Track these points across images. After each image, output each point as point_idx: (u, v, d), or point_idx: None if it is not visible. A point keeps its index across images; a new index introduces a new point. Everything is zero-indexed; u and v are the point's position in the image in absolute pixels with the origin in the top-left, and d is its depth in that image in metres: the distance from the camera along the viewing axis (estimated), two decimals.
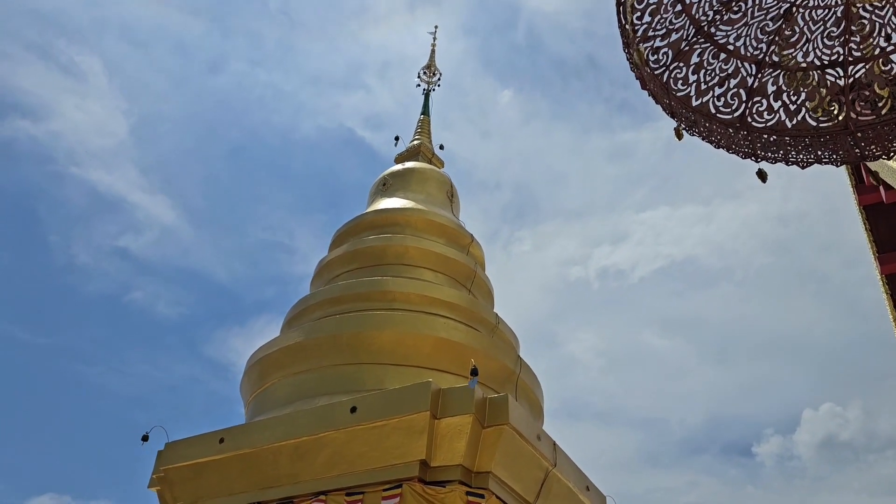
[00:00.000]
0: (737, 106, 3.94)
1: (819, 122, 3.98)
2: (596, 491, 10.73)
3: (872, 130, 3.89)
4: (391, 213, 12.78)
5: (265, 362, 10.75)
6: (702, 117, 3.82)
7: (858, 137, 3.89)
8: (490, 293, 12.73)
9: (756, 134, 3.92)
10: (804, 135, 3.94)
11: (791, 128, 3.99)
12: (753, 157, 3.82)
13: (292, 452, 8.96)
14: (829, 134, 3.95)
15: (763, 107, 3.96)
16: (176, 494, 9.76)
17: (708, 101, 3.89)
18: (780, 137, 3.95)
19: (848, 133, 3.90)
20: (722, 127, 3.87)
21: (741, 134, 3.88)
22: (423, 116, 16.44)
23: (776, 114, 3.98)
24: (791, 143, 3.94)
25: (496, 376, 10.30)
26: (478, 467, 8.60)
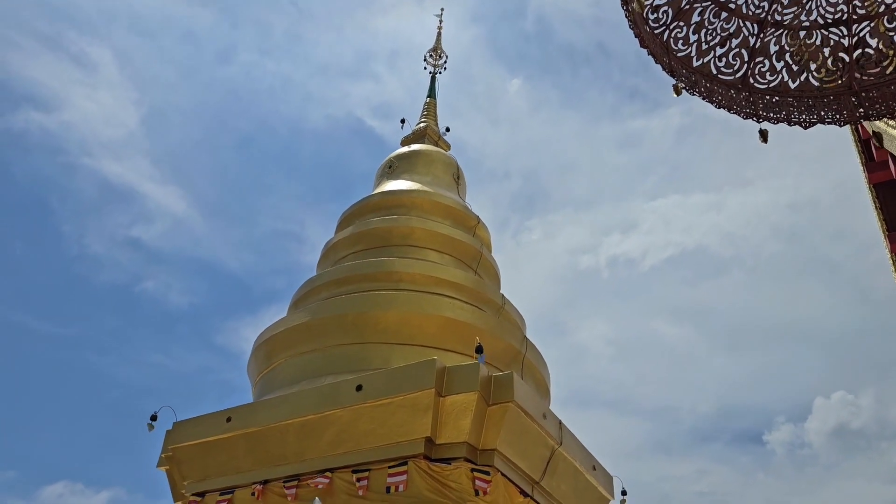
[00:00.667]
0: (738, 66, 3.88)
1: (822, 83, 3.92)
2: (602, 471, 10.72)
3: (876, 90, 3.83)
4: (397, 194, 12.76)
5: (272, 343, 10.78)
6: (702, 78, 3.77)
7: (862, 97, 3.83)
8: (496, 275, 12.71)
9: (758, 95, 3.87)
10: (807, 95, 3.88)
11: (794, 89, 3.94)
12: (755, 117, 3.76)
13: (299, 431, 9.00)
14: (832, 94, 3.89)
15: (765, 67, 3.90)
16: (184, 473, 9.84)
17: (709, 62, 3.83)
18: (782, 98, 3.90)
19: (851, 93, 3.85)
20: (723, 88, 3.82)
21: (743, 95, 3.83)
22: (430, 99, 16.38)
23: (779, 74, 3.92)
24: (794, 103, 3.89)
25: (502, 356, 10.28)
26: (483, 445, 8.61)
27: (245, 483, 9.28)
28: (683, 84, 3.74)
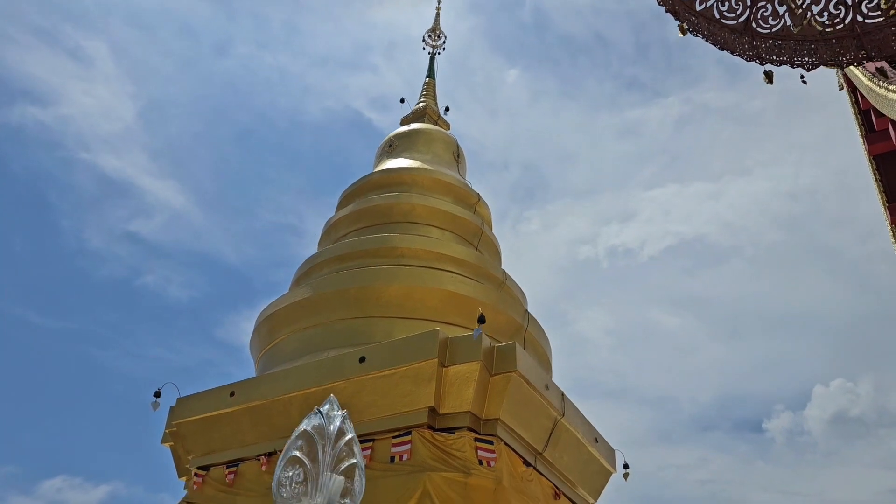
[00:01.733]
0: (741, 11, 3.89)
1: (824, 27, 3.92)
2: (605, 444, 10.78)
3: (878, 32, 3.84)
4: (398, 172, 12.76)
5: (274, 318, 10.81)
6: (705, 21, 3.78)
7: (864, 40, 3.84)
8: (497, 251, 12.73)
9: (760, 39, 3.87)
10: (809, 39, 3.89)
11: (796, 33, 3.94)
12: (758, 59, 3.77)
13: (302, 403, 9.02)
14: (834, 38, 3.90)
15: (768, 12, 3.91)
16: (188, 447, 9.88)
17: (712, 6, 3.84)
18: (784, 42, 3.90)
19: (854, 36, 3.86)
20: (725, 31, 3.83)
21: (745, 39, 3.84)
22: (429, 79, 16.35)
23: (781, 19, 3.93)
24: (796, 47, 3.89)
25: (504, 329, 10.31)
26: (486, 414, 8.66)
27: (250, 455, 9.34)
28: (687, 26, 3.75)
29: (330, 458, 3.38)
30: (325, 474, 3.30)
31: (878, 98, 8.60)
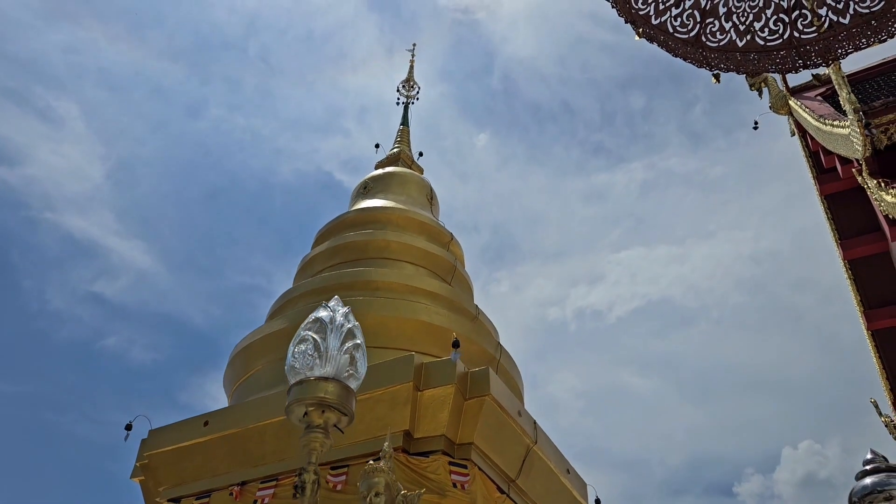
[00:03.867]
0: (692, 26, 4.33)
1: (766, 42, 4.39)
2: (576, 475, 10.90)
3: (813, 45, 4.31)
4: (373, 211, 13.09)
5: (249, 350, 10.88)
6: (660, 32, 4.22)
7: (802, 52, 4.30)
8: (470, 288, 13.02)
9: (710, 51, 4.32)
10: (752, 51, 4.34)
11: (741, 47, 4.40)
12: (707, 66, 4.21)
13: (278, 430, 9.07)
14: (775, 50, 4.36)
15: (716, 27, 4.36)
16: (159, 479, 9.79)
17: (666, 21, 4.28)
18: (731, 55, 4.35)
19: (791, 48, 4.31)
20: (678, 43, 4.27)
21: (696, 49, 4.28)
22: (403, 127, 16.90)
23: (727, 34, 4.38)
24: (741, 58, 4.34)
25: (477, 360, 10.50)
26: (460, 439, 8.78)
27: (222, 486, 9.27)
28: (643, 34, 4.19)
29: (336, 337, 3.63)
30: (333, 349, 3.54)
31: (824, 136, 9.23)
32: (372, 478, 4.44)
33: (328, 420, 3.70)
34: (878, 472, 1.79)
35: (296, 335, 3.88)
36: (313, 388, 3.72)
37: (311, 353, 3.61)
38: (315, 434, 3.69)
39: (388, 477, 4.38)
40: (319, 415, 3.68)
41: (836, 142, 8.30)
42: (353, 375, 3.69)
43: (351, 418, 3.86)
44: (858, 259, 11.08)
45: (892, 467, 1.78)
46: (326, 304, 4.03)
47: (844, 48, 4.30)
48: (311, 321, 3.81)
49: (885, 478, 1.76)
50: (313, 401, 3.65)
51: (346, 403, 3.73)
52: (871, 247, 10.81)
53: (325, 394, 3.66)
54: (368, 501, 4.28)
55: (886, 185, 6.63)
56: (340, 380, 3.63)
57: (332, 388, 3.67)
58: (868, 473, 1.81)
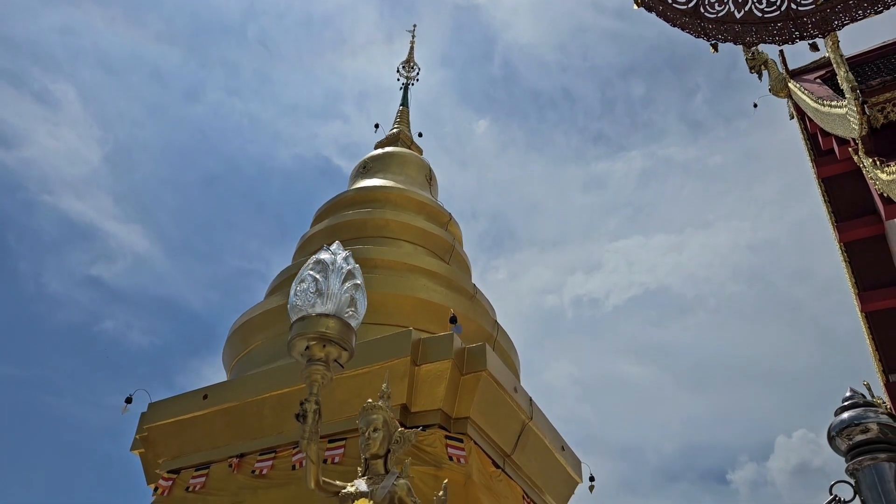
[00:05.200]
0: None
1: (763, 13, 4.43)
2: (571, 453, 11.03)
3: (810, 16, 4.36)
4: (371, 190, 13.13)
5: (248, 326, 10.96)
6: (659, 3, 4.26)
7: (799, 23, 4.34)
8: (468, 268, 13.09)
9: (708, 22, 4.37)
10: (750, 23, 4.39)
11: (739, 19, 4.44)
12: (705, 36, 4.25)
13: (276, 404, 9.18)
14: (772, 22, 4.41)
15: None
16: (158, 451, 9.90)
17: None
18: (729, 26, 4.40)
19: (789, 19, 4.36)
20: (677, 14, 4.31)
21: (695, 21, 4.33)
22: (402, 108, 16.91)
23: (726, 5, 4.43)
24: (739, 29, 4.39)
25: (474, 337, 10.58)
26: (457, 413, 8.88)
27: (221, 458, 9.38)
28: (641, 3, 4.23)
29: (337, 277, 3.71)
30: (334, 288, 3.63)
31: (822, 117, 9.28)
32: (370, 414, 4.61)
33: (329, 354, 3.79)
34: (855, 408, 1.86)
35: (298, 275, 3.95)
36: (314, 324, 3.82)
37: (312, 292, 3.70)
38: (317, 366, 3.78)
39: (386, 414, 4.49)
40: (321, 349, 3.77)
41: (834, 122, 8.35)
42: (353, 315, 3.77)
43: (351, 354, 3.95)
44: (854, 242, 11.15)
45: (869, 403, 1.86)
46: (327, 247, 4.11)
47: (841, 20, 4.35)
48: (313, 262, 3.89)
49: (862, 412, 1.83)
50: (314, 335, 3.74)
51: (346, 339, 3.83)
52: (867, 229, 10.88)
53: (327, 329, 3.76)
54: (367, 437, 4.37)
55: (882, 164, 6.69)
56: (341, 317, 3.71)
57: (332, 324, 3.76)
58: (846, 409, 1.88)
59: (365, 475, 4.40)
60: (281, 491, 8.57)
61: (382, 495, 4.07)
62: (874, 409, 1.86)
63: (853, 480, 1.87)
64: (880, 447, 1.80)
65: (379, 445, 4.37)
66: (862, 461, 1.80)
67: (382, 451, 4.41)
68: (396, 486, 4.19)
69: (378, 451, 4.36)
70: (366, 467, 4.47)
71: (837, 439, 1.87)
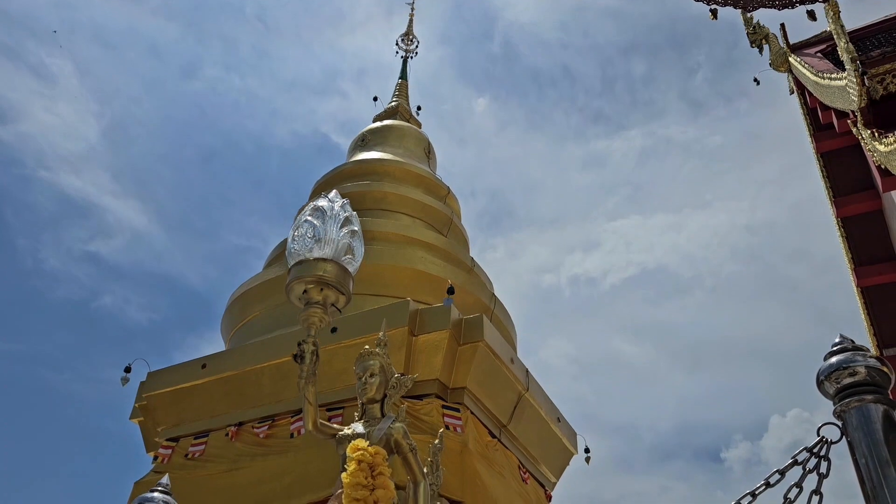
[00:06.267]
0: None
1: None
2: (567, 424, 11.13)
3: None
4: (370, 163, 13.11)
5: (246, 296, 11.01)
6: None
7: None
8: (466, 241, 13.11)
9: None
10: None
11: None
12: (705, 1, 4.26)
13: (275, 373, 9.24)
14: None
15: None
16: (158, 420, 9.98)
17: None
18: None
19: None
20: None
21: None
22: (401, 81, 16.82)
23: None
24: None
25: (472, 309, 10.62)
26: (454, 383, 8.96)
27: (220, 426, 9.47)
28: None
29: (335, 223, 3.75)
30: (332, 233, 3.67)
31: (822, 90, 9.26)
32: (367, 360, 4.68)
33: (327, 298, 3.83)
34: (844, 352, 1.89)
35: (295, 222, 3.97)
36: (312, 268, 3.85)
37: (310, 237, 3.72)
38: (314, 309, 3.82)
39: (383, 360, 4.55)
40: (318, 292, 3.81)
41: (833, 95, 8.34)
42: (350, 261, 3.80)
43: (348, 299, 3.98)
44: (851, 217, 11.20)
45: (858, 347, 1.89)
46: (325, 195, 4.12)
47: None
48: (311, 209, 3.91)
49: (851, 355, 1.86)
50: (312, 279, 3.77)
51: (343, 283, 3.86)
52: (864, 205, 10.93)
53: (324, 273, 3.78)
54: (363, 382, 4.43)
55: (880, 136, 6.70)
56: (339, 262, 3.73)
57: (330, 268, 3.78)
58: (834, 354, 1.91)
59: (362, 419, 4.47)
60: (279, 458, 8.67)
61: (379, 437, 4.13)
62: (862, 353, 1.89)
63: (840, 422, 1.91)
64: (867, 389, 1.83)
65: (375, 390, 4.43)
66: (849, 403, 1.84)
67: (379, 395, 4.48)
68: (392, 428, 4.26)
69: (375, 395, 4.43)
70: (363, 412, 4.54)
71: (826, 383, 1.91)
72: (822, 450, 1.95)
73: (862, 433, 1.79)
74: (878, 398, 1.82)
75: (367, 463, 3.83)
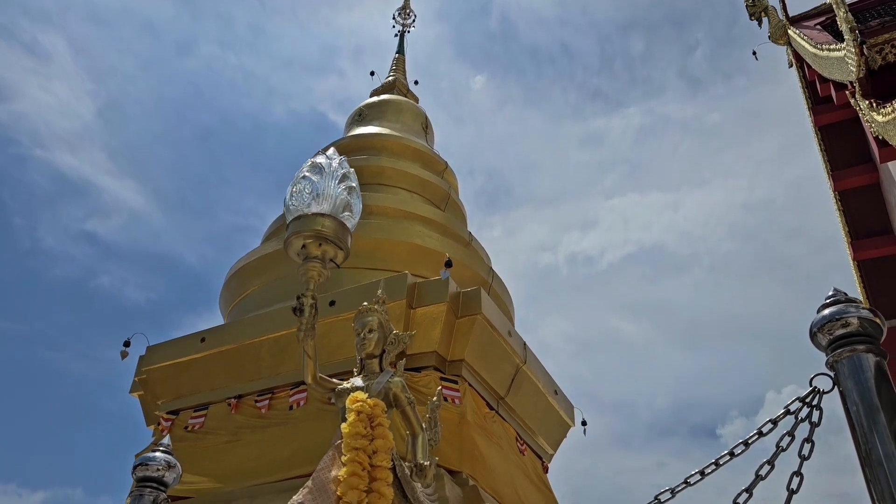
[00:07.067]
0: None
1: None
2: (564, 397, 11.22)
3: None
4: (367, 137, 13.07)
5: (244, 271, 11.02)
6: None
7: None
8: (463, 216, 13.11)
9: None
10: None
11: None
12: None
13: (273, 346, 9.29)
14: None
15: None
16: (157, 393, 10.04)
17: None
18: None
19: None
20: None
21: None
22: (398, 55, 16.70)
23: None
24: None
25: (470, 283, 10.65)
26: (452, 356, 9.01)
27: (219, 399, 9.53)
28: None
29: (333, 179, 3.76)
30: (330, 189, 3.69)
31: (820, 62, 9.22)
32: (366, 316, 4.71)
33: (326, 252, 3.85)
34: (837, 304, 1.92)
35: (294, 178, 3.97)
36: (310, 222, 3.85)
37: (308, 192, 3.72)
38: (313, 263, 3.84)
39: (381, 316, 4.59)
40: (317, 247, 3.83)
41: (832, 66, 8.31)
42: (349, 217, 3.81)
43: (347, 254, 4.00)
44: (849, 191, 11.20)
45: (850, 299, 1.91)
46: (322, 152, 4.12)
47: None
48: (309, 165, 3.91)
49: (844, 307, 1.88)
50: (311, 233, 3.79)
51: (342, 238, 3.88)
52: (862, 178, 10.93)
53: (323, 227, 3.80)
54: (362, 337, 4.48)
55: (878, 106, 6.68)
56: (337, 217, 3.75)
57: (328, 223, 3.80)
58: (828, 306, 1.94)
59: (361, 374, 4.52)
60: (279, 429, 8.74)
61: (378, 390, 4.18)
62: (855, 305, 1.91)
63: (833, 373, 1.93)
64: (860, 339, 1.86)
65: (374, 345, 4.48)
66: (841, 353, 1.86)
67: (377, 351, 4.53)
68: (391, 382, 4.31)
69: (373, 350, 4.48)
70: (361, 367, 4.59)
71: (819, 335, 1.93)
72: (815, 399, 1.98)
73: (853, 381, 1.81)
74: (870, 348, 1.84)
75: (366, 414, 3.89)
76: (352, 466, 3.63)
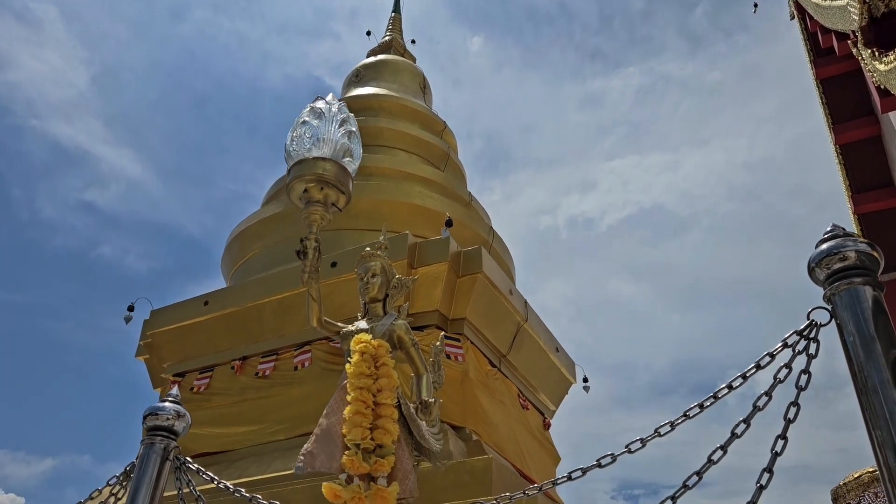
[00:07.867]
0: None
1: None
2: (565, 354, 11.32)
3: None
4: (365, 98, 12.96)
5: (245, 234, 11.04)
6: None
7: None
8: (463, 176, 13.07)
9: None
10: None
11: None
12: None
13: (276, 307, 9.35)
14: None
15: None
16: (163, 356, 10.14)
17: None
18: None
19: None
20: None
21: None
22: (395, 14, 16.47)
23: None
24: None
25: (470, 243, 10.66)
26: (454, 314, 9.07)
27: (224, 361, 9.63)
28: None
29: (333, 123, 3.77)
30: (330, 133, 3.70)
31: (822, 12, 9.08)
32: (368, 261, 4.72)
33: (327, 197, 3.85)
34: (835, 238, 1.93)
35: (293, 124, 3.96)
36: (311, 166, 3.82)
37: (308, 137, 3.72)
38: (315, 206, 3.85)
39: (384, 261, 4.63)
40: (318, 191, 3.83)
41: (834, 16, 8.19)
42: (350, 162, 3.81)
43: (348, 198, 4.02)
44: (850, 144, 11.13)
45: (848, 234, 1.92)
46: (321, 97, 4.11)
47: None
48: (308, 111, 3.89)
49: (842, 241, 1.89)
50: (312, 177, 3.79)
51: (343, 182, 3.88)
52: (863, 131, 10.84)
53: (324, 171, 3.80)
54: (365, 282, 4.51)
55: (881, 54, 6.60)
56: (338, 161, 3.75)
57: (329, 167, 3.80)
58: (826, 241, 1.95)
59: (365, 317, 4.57)
60: (284, 390, 8.85)
61: (382, 332, 4.23)
62: (853, 239, 1.92)
63: (830, 306, 1.95)
64: (857, 272, 1.87)
65: (377, 290, 4.52)
66: (839, 286, 1.88)
67: (381, 295, 4.57)
68: (395, 325, 4.36)
69: (377, 294, 4.52)
70: (365, 311, 4.64)
71: (817, 270, 1.94)
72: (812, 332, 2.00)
73: (850, 313, 1.83)
74: (868, 280, 1.86)
75: (370, 354, 3.94)
76: (356, 405, 3.69)
